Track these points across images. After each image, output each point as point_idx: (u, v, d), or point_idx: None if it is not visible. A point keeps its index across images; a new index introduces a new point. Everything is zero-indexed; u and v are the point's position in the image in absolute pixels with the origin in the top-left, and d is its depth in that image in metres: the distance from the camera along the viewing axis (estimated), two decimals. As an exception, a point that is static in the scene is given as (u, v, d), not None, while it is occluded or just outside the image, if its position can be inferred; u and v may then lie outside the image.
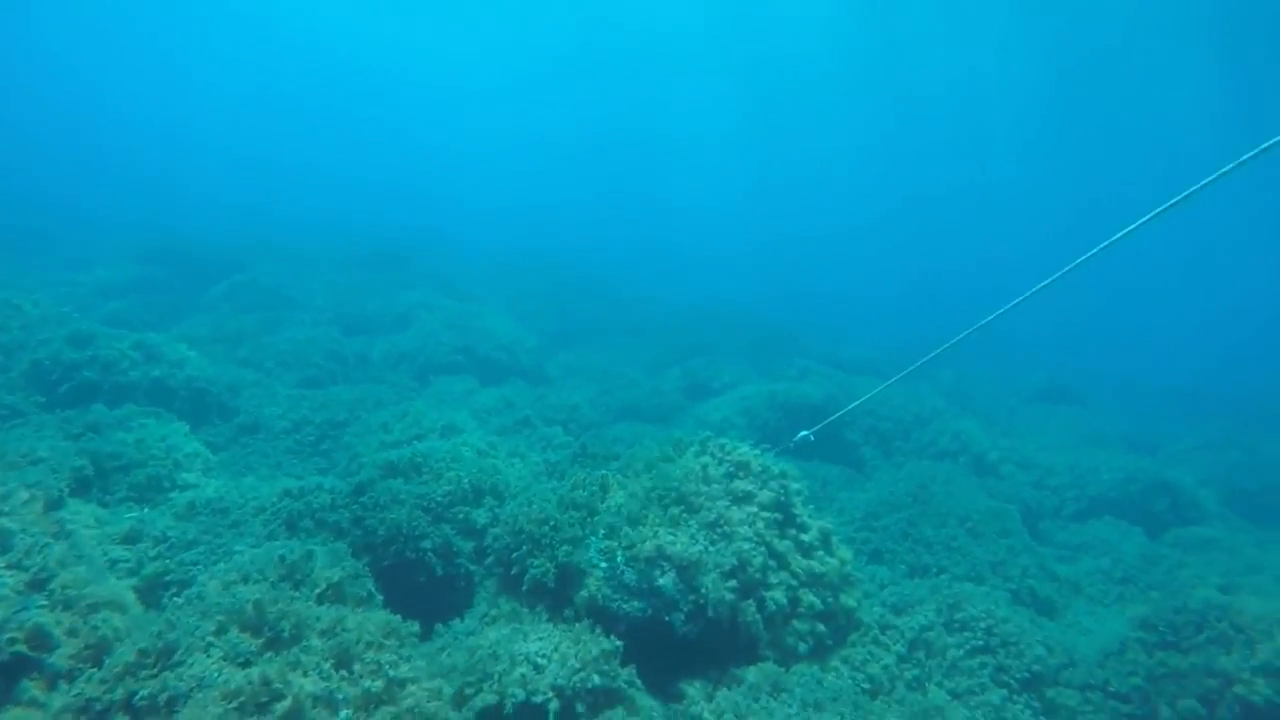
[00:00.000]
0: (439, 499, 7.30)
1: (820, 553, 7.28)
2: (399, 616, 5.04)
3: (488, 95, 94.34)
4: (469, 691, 5.10)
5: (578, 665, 5.39)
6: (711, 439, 7.56)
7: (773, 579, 6.64)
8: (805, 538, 7.21)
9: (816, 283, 53.86)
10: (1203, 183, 4.66)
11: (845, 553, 7.46)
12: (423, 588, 6.93)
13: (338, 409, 12.61)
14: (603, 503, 6.77)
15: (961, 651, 6.97)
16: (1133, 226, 5.19)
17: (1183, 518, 14.04)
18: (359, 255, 31.27)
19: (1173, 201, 4.84)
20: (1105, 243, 5.32)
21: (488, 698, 5.06)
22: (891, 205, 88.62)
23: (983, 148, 78.46)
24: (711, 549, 6.46)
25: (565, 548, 6.24)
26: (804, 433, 9.47)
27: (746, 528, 6.75)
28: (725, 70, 78.44)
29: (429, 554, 6.92)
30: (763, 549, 6.70)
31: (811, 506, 7.81)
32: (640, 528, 6.45)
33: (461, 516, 7.35)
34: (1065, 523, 13.95)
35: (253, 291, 21.40)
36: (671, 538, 6.34)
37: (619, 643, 5.64)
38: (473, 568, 7.14)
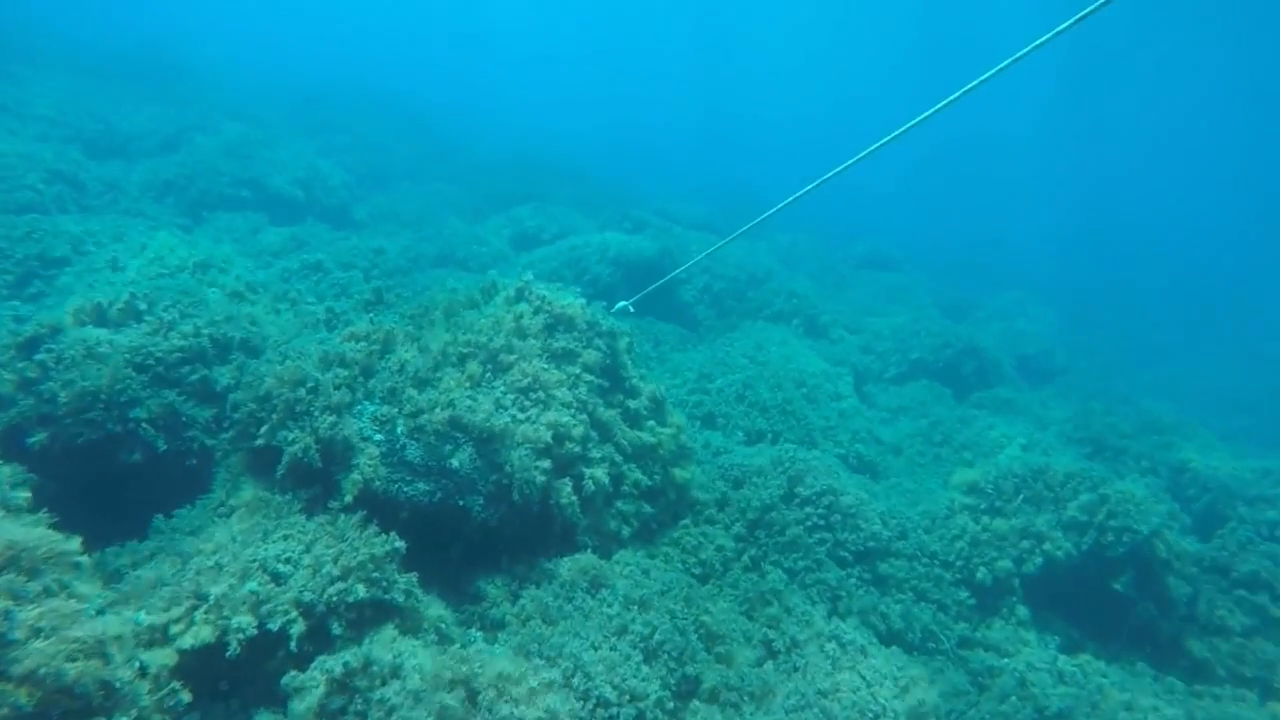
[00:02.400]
0: (162, 354, 5.45)
1: (651, 422, 6.32)
2: (42, 530, 3.40)
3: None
4: (175, 629, 3.66)
5: (336, 572, 4.08)
6: (530, 284, 6.18)
7: (594, 453, 5.60)
8: (634, 404, 6.19)
9: (649, 139, 51.84)
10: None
11: (679, 420, 6.57)
12: (138, 470, 5.23)
13: (55, 242, 9.76)
14: (383, 360, 5.28)
15: (801, 529, 6.43)
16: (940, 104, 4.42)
17: (985, 380, 14.82)
18: (110, 57, 25.28)
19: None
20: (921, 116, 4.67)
21: (201, 634, 3.65)
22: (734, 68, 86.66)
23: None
24: (521, 417, 5.25)
25: (328, 417, 4.75)
26: (623, 303, 8.44)
27: (566, 392, 5.58)
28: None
29: (143, 425, 5.17)
30: (584, 418, 5.58)
31: (643, 368, 6.78)
32: (429, 390, 5.07)
33: (196, 378, 5.57)
34: (887, 386, 14.24)
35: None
36: (470, 404, 5.03)
37: (399, 542, 4.38)
38: (211, 442, 5.48)
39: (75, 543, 3.48)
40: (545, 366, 5.59)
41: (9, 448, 5.00)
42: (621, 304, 8.36)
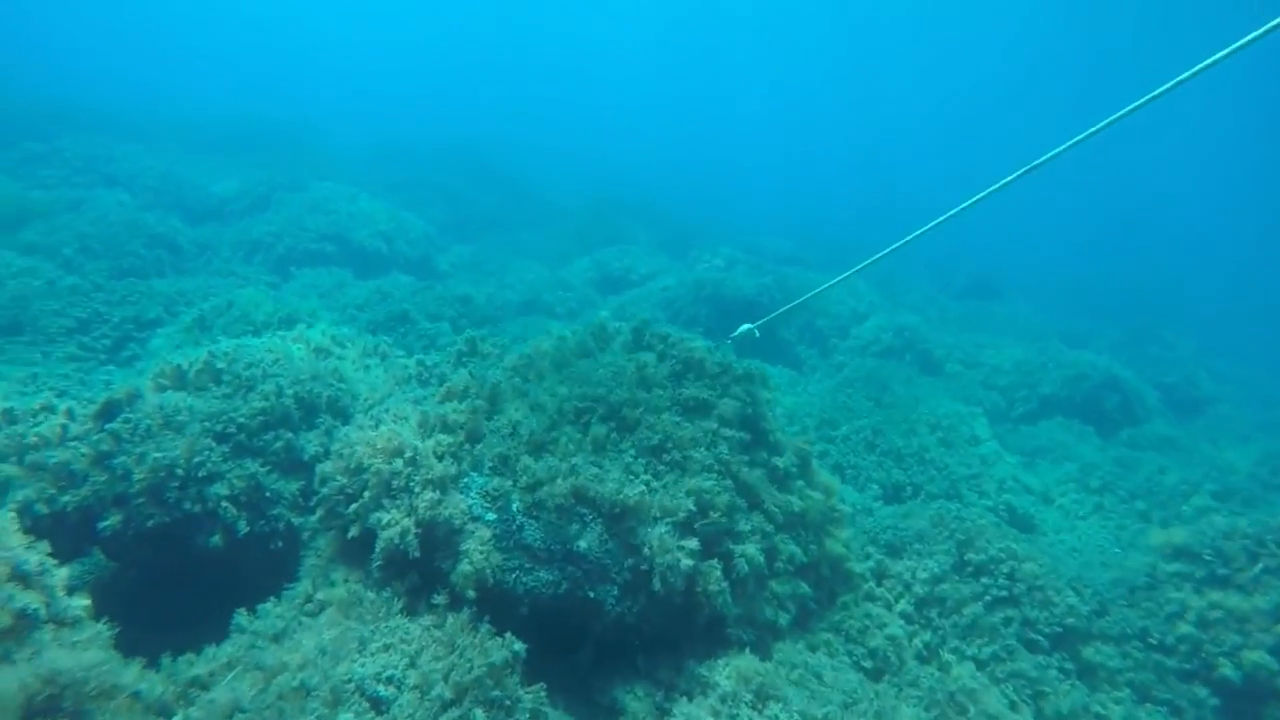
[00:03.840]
0: (244, 420, 4.81)
1: (800, 482, 5.31)
2: (95, 654, 2.66)
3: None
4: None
5: (449, 695, 3.22)
6: (649, 325, 5.34)
7: (743, 525, 4.62)
8: (780, 462, 5.20)
9: (716, 175, 51.06)
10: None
11: (829, 480, 5.54)
12: (217, 556, 4.55)
13: (149, 303, 9.59)
14: (490, 420, 4.48)
15: (981, 606, 5.27)
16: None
17: (1131, 416, 13.12)
18: (218, 133, 26.40)
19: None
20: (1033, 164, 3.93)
21: (281, 779, 2.83)
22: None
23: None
24: (656, 485, 4.34)
25: (430, 493, 3.95)
26: (747, 326, 7.57)
27: (704, 451, 4.66)
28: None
29: (224, 504, 4.50)
30: (729, 483, 4.64)
31: (782, 417, 5.80)
32: (548, 457, 4.23)
33: (280, 445, 4.91)
34: (1015, 425, 12.75)
35: (56, 164, 17.17)
36: (596, 471, 4.16)
37: (518, 645, 3.51)
38: (297, 520, 4.78)
39: (133, 670, 2.76)
40: (677, 421, 4.70)
41: (84, 531, 4.42)
42: (746, 327, 7.54)
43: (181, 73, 47.86)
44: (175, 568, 4.63)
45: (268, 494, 4.70)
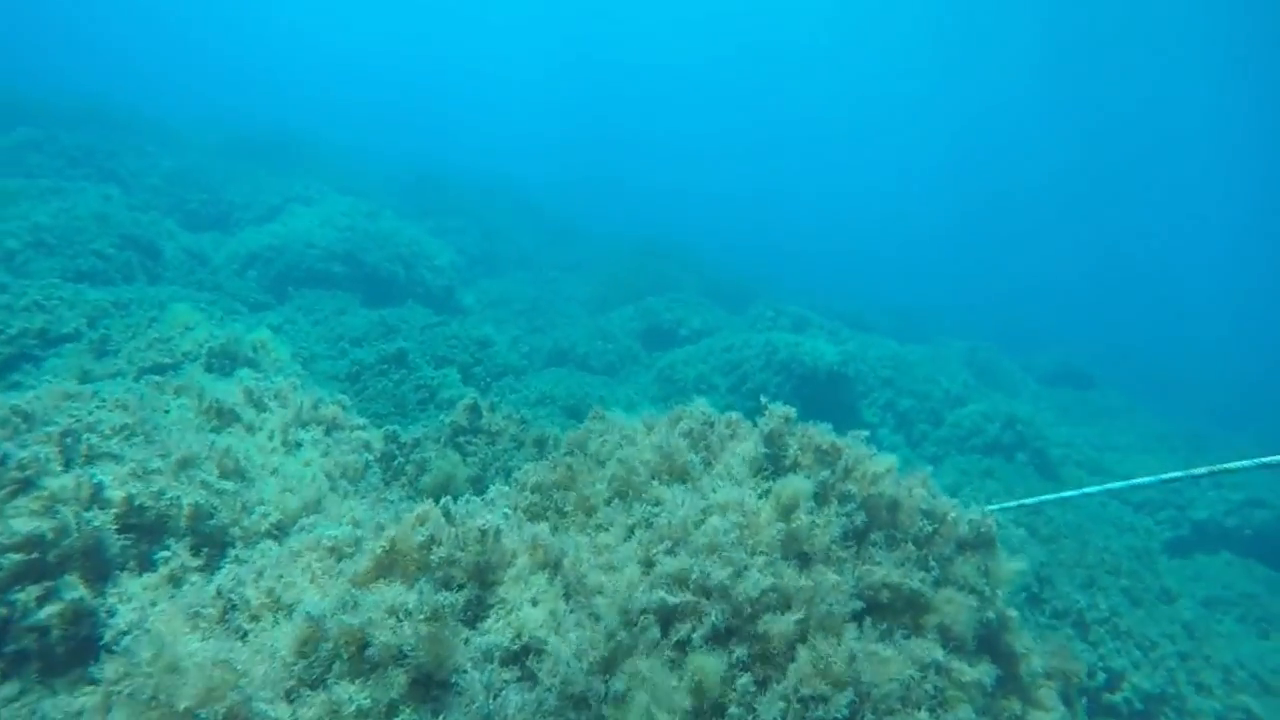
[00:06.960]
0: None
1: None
2: None
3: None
4: None
5: None
6: (792, 425, 2.84)
7: None
8: None
9: (757, 223, 48.40)
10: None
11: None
12: None
13: (67, 312, 7.33)
14: (475, 626, 1.99)
15: None
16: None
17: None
18: (245, 140, 24.71)
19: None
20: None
21: None
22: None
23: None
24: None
25: None
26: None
27: (928, 722, 2.11)
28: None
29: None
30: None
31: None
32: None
33: (54, 612, 2.45)
34: (1160, 556, 9.98)
35: (50, 153, 15.35)
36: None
37: None
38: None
39: None
40: (873, 650, 2.17)
41: None
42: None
43: (221, 81, 47.40)
44: None
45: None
